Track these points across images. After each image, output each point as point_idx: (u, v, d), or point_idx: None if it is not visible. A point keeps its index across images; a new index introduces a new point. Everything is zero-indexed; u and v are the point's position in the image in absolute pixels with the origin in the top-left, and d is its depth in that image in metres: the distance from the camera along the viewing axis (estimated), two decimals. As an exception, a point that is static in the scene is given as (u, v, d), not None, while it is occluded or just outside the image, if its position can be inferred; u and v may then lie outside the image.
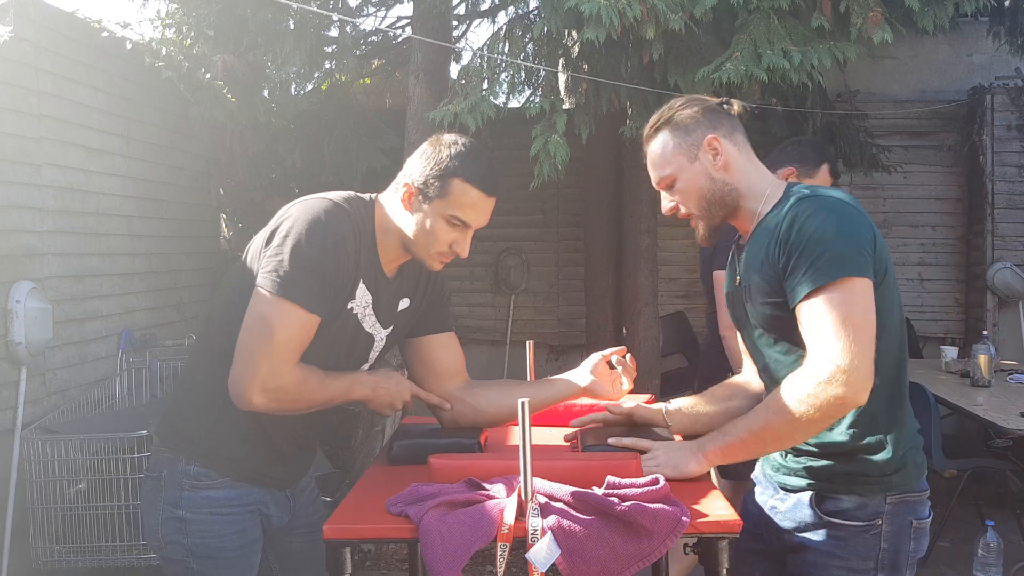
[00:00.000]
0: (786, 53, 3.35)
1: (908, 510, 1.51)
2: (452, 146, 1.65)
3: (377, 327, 1.74)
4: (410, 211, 1.66)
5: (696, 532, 1.39)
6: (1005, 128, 5.58)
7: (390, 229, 1.69)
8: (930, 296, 5.93)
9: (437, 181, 1.63)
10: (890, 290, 1.50)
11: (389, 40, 5.31)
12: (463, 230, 1.66)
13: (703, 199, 1.60)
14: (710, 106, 1.62)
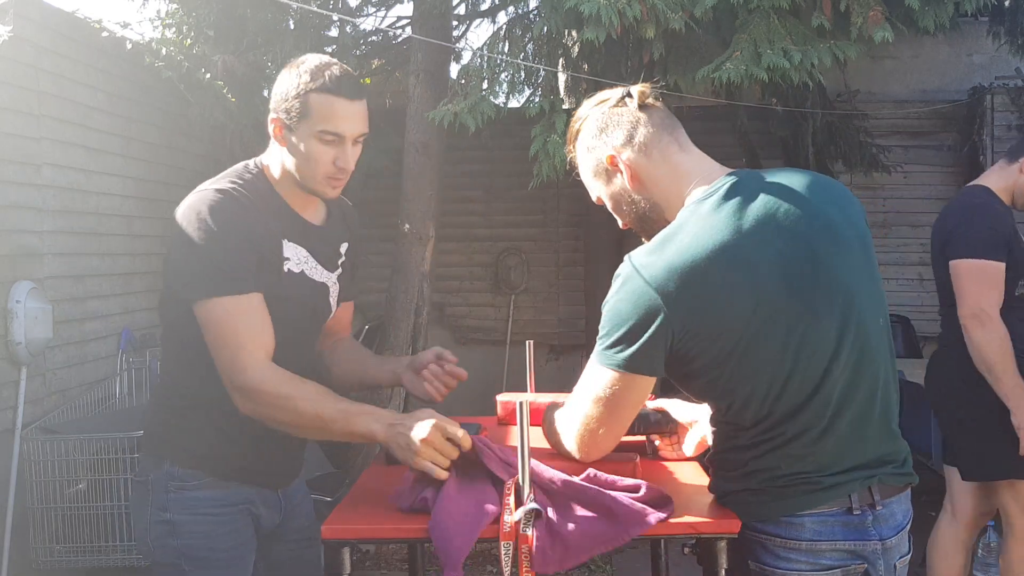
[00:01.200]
0: (786, 52, 3.35)
1: (746, 547, 1.38)
2: (299, 65, 1.60)
3: (325, 273, 1.74)
4: (284, 145, 1.62)
5: (695, 532, 1.39)
6: (1005, 128, 5.58)
7: (282, 176, 1.66)
8: (930, 296, 5.89)
9: (296, 103, 1.58)
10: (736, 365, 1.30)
11: (389, 40, 5.31)
12: (340, 143, 1.59)
13: (632, 218, 1.51)
14: (607, 111, 1.46)
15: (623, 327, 1.31)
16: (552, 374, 5.99)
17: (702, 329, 1.29)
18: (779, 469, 1.34)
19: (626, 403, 1.40)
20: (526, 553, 1.32)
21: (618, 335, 1.32)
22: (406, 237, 4.30)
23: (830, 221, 1.38)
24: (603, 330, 1.35)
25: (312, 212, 1.73)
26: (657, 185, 1.44)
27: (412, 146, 4.29)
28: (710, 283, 1.28)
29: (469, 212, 6.05)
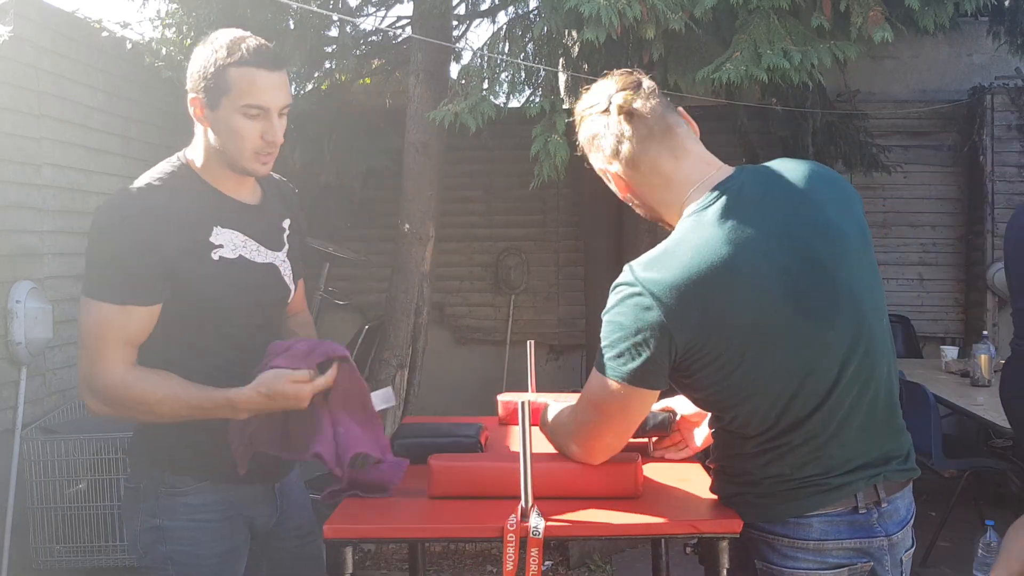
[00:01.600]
0: (786, 53, 3.35)
1: (751, 546, 1.39)
2: (212, 41, 1.56)
3: (270, 254, 1.69)
4: (208, 125, 1.57)
5: (696, 532, 1.39)
6: (1005, 128, 5.58)
7: (207, 160, 1.62)
8: (930, 296, 5.93)
9: (214, 80, 1.53)
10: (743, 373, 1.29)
11: (389, 40, 5.31)
12: (266, 116, 1.55)
13: (641, 210, 1.50)
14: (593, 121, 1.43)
15: (626, 340, 1.30)
16: (552, 374, 5.99)
17: (705, 345, 1.28)
18: (785, 475, 1.34)
19: (630, 413, 1.40)
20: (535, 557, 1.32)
21: (621, 347, 1.31)
22: (406, 237, 4.30)
23: (830, 222, 1.36)
24: (605, 340, 1.34)
25: (247, 193, 1.68)
26: (651, 194, 1.43)
27: (412, 146, 4.29)
28: (713, 301, 1.27)
29: (469, 212, 6.04)
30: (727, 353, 1.28)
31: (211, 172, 1.62)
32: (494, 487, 1.48)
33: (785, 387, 1.30)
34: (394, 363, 4.23)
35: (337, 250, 4.81)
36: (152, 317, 1.54)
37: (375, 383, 4.24)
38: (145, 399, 1.52)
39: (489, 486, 1.49)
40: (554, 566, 3.84)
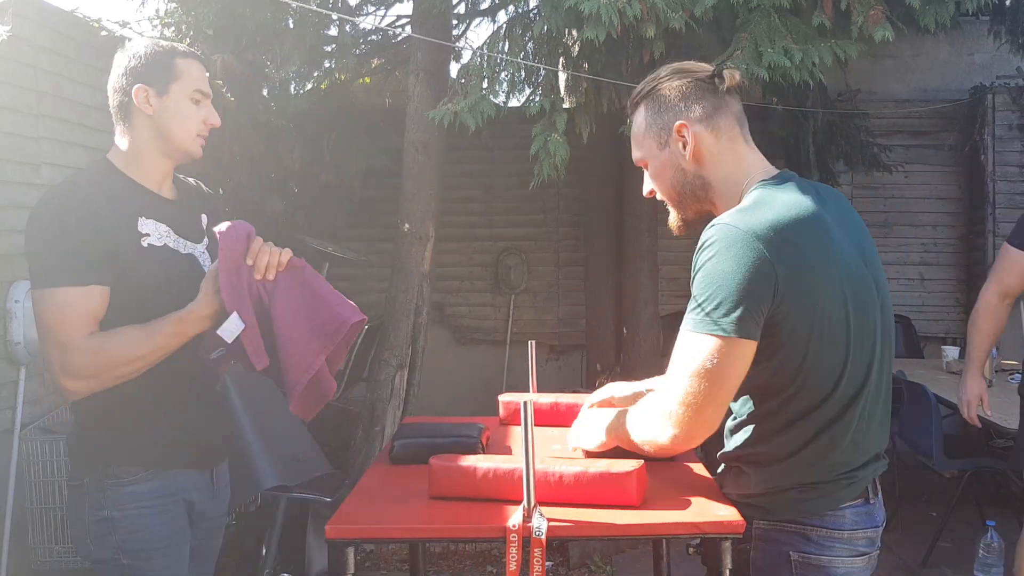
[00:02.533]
0: (787, 51, 3.34)
1: (785, 539, 1.39)
2: (145, 40, 1.76)
3: (190, 245, 1.79)
4: (151, 112, 1.70)
5: (699, 532, 1.38)
6: (1006, 127, 5.58)
7: (140, 152, 1.73)
8: (931, 296, 5.93)
9: (163, 68, 1.70)
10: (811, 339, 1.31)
11: (389, 39, 5.30)
12: (206, 101, 1.75)
13: (672, 189, 1.48)
14: (693, 82, 1.45)
15: (728, 287, 1.27)
16: (552, 374, 5.98)
17: (795, 295, 1.28)
18: (830, 465, 1.37)
19: (732, 373, 1.30)
20: (538, 557, 1.32)
21: (722, 296, 1.28)
22: (406, 237, 4.29)
23: (861, 223, 1.49)
24: (702, 295, 1.30)
25: (166, 189, 1.80)
26: (719, 166, 1.45)
27: (412, 145, 4.28)
28: (809, 246, 1.31)
29: (469, 212, 6.04)
30: (809, 311, 1.30)
31: (136, 168, 1.74)
32: (495, 489, 1.48)
33: (839, 358, 1.33)
34: (394, 363, 4.23)
35: (337, 250, 4.80)
36: (106, 299, 1.63)
37: (375, 383, 4.23)
38: (119, 355, 1.60)
39: (490, 488, 1.48)
40: (554, 567, 3.83)
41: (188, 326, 1.63)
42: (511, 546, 1.32)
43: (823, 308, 1.30)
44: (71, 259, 1.60)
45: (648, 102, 1.48)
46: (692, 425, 1.34)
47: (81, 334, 1.59)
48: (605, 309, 5.35)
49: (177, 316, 1.62)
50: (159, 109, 1.70)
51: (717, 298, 1.29)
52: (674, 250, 5.96)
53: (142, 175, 1.74)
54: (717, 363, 1.29)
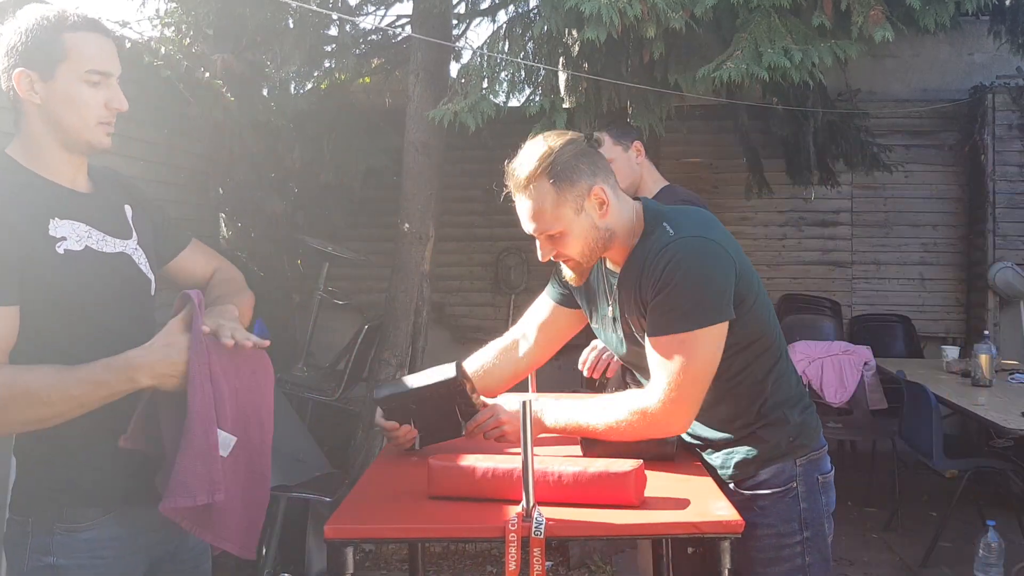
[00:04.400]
0: (787, 51, 3.34)
1: (813, 468, 1.66)
2: (33, 12, 1.42)
3: (117, 242, 1.51)
4: (39, 100, 1.41)
5: (698, 532, 1.38)
6: (1006, 127, 5.57)
7: (37, 144, 1.45)
8: (931, 296, 5.93)
9: (46, 48, 1.40)
10: (760, 306, 1.63)
11: (389, 39, 5.30)
12: (107, 82, 1.46)
13: (587, 249, 1.61)
14: (584, 149, 1.60)
15: (717, 285, 1.53)
16: (552, 374, 5.94)
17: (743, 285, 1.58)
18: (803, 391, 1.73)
19: (719, 350, 1.55)
20: (537, 557, 1.32)
21: (716, 291, 1.52)
22: (406, 237, 4.29)
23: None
24: (697, 296, 1.51)
25: (81, 182, 1.52)
26: (619, 215, 1.63)
27: (412, 145, 4.28)
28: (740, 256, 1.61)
29: (469, 212, 6.03)
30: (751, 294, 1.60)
31: (40, 161, 1.45)
32: (494, 489, 1.47)
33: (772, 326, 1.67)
34: (394, 363, 4.23)
35: (336, 250, 4.80)
36: (12, 320, 1.35)
37: (375, 382, 4.23)
38: (33, 391, 1.31)
39: (489, 488, 1.48)
40: (554, 566, 3.83)
41: (120, 378, 1.35)
42: (510, 546, 1.32)
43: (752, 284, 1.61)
44: None
45: (551, 176, 1.56)
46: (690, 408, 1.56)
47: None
48: (605, 309, 5.34)
49: (106, 363, 1.35)
50: (46, 96, 1.41)
51: (711, 296, 1.52)
52: (674, 250, 5.96)
53: (47, 169, 1.45)
54: (716, 347, 1.54)
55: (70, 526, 1.41)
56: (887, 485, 4.44)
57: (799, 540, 1.62)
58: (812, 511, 1.63)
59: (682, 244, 1.54)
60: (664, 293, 1.52)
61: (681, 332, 1.52)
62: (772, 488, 1.63)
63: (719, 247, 1.56)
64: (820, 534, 1.63)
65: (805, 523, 1.62)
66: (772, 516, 1.62)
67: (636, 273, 1.60)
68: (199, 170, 4.92)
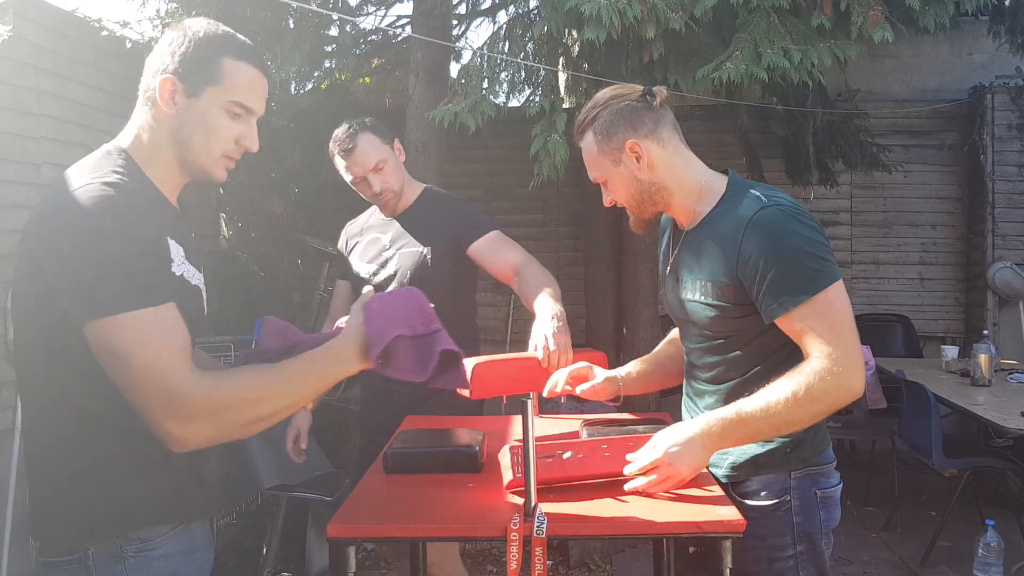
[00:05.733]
0: (786, 52, 3.35)
1: (811, 482, 1.61)
2: (207, 25, 1.37)
3: (197, 275, 1.41)
4: (174, 113, 1.34)
5: (699, 532, 1.39)
6: (1005, 127, 5.58)
7: (157, 155, 1.36)
8: (930, 295, 5.93)
9: (203, 64, 1.33)
10: None
11: (389, 39, 5.30)
12: (247, 119, 1.38)
13: (631, 199, 1.67)
14: (630, 104, 1.63)
15: (824, 245, 1.52)
16: (552, 374, 5.97)
17: None
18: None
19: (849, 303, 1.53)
20: (539, 556, 1.32)
21: (826, 250, 1.52)
22: (406, 237, 4.28)
23: None
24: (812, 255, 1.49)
25: (174, 196, 1.43)
26: (671, 171, 1.64)
27: (412, 145, 4.28)
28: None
29: (469, 212, 6.03)
30: None
31: (156, 171, 1.37)
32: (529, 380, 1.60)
33: None
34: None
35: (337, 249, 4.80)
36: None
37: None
38: (243, 395, 1.23)
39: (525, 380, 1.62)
40: (554, 566, 3.84)
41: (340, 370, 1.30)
42: (512, 545, 1.33)
43: None
44: (144, 275, 1.22)
45: (594, 129, 1.65)
46: (861, 371, 1.50)
47: (182, 363, 1.21)
48: (605, 309, 5.36)
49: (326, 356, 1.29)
50: (183, 112, 1.34)
51: (825, 255, 1.50)
52: (674, 250, 5.97)
53: (160, 183, 1.37)
54: (847, 299, 1.52)
55: (143, 546, 1.28)
56: (886, 485, 4.45)
57: (791, 554, 1.58)
58: (807, 525, 1.58)
59: (778, 213, 1.52)
60: (782, 265, 1.48)
61: (816, 294, 1.48)
62: (764, 500, 1.59)
63: (811, 218, 1.55)
64: (815, 549, 1.59)
65: (799, 537, 1.58)
66: (763, 528, 1.56)
67: (719, 239, 1.57)
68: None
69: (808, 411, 1.48)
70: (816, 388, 1.47)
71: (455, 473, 1.66)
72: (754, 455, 1.60)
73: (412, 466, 1.68)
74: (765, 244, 1.49)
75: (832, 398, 1.48)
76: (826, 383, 1.47)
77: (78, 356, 1.22)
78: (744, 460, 1.61)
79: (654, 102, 1.63)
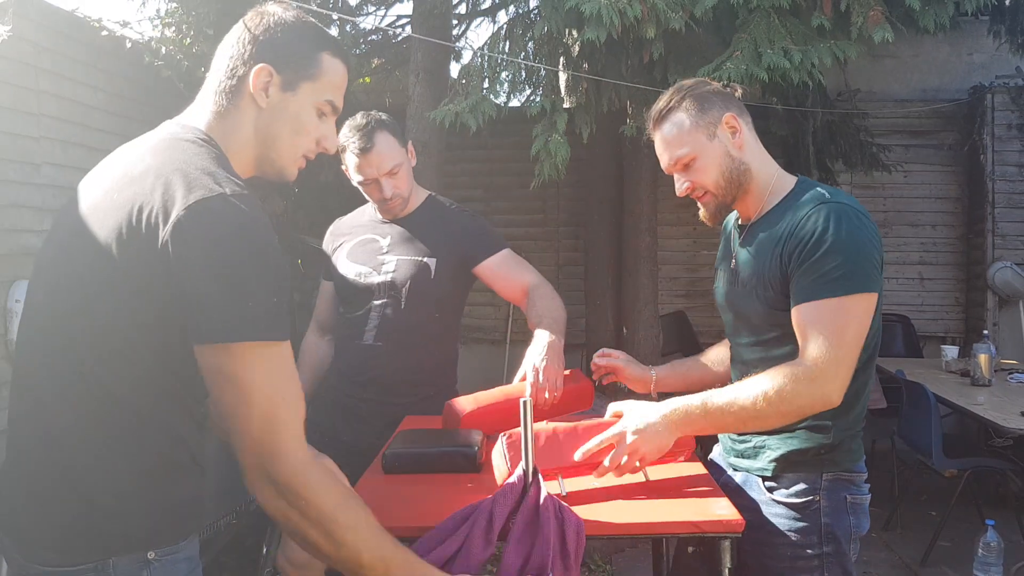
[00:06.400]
0: (786, 52, 3.35)
1: (843, 487, 1.59)
2: (297, 14, 1.30)
3: None
4: (264, 105, 1.26)
5: (698, 532, 1.39)
6: (1005, 127, 5.58)
7: (237, 145, 1.28)
8: (930, 295, 5.93)
9: (303, 57, 1.26)
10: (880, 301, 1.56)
11: (389, 39, 5.30)
12: (330, 119, 1.32)
13: (722, 176, 1.62)
14: (718, 89, 1.65)
15: (870, 253, 1.48)
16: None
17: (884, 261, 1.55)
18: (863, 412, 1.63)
19: (869, 320, 1.51)
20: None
21: (869, 259, 1.48)
22: (406, 236, 4.28)
23: None
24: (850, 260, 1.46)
25: None
26: (754, 156, 1.65)
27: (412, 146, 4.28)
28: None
29: (469, 212, 6.04)
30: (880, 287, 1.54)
31: (240, 165, 1.28)
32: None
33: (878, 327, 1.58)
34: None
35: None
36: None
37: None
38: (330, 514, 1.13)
39: None
40: (554, 566, 3.83)
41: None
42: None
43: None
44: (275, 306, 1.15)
45: (688, 104, 1.62)
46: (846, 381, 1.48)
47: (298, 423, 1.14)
48: (605, 309, 5.35)
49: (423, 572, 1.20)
50: (276, 106, 1.26)
51: (867, 262, 1.48)
52: (673, 250, 5.97)
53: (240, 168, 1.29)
54: (866, 319, 1.49)
55: (168, 549, 1.20)
56: (886, 484, 4.45)
57: (817, 555, 1.56)
58: (835, 527, 1.56)
59: (839, 207, 1.51)
60: (817, 255, 1.47)
61: (833, 297, 1.46)
62: (793, 498, 1.58)
63: (873, 226, 1.52)
64: (842, 552, 1.57)
65: (825, 538, 1.56)
66: (790, 526, 1.57)
67: (778, 233, 1.55)
68: (199, 170, 4.92)
69: (777, 411, 1.48)
70: (788, 390, 1.46)
71: (454, 473, 1.66)
72: (788, 451, 1.59)
73: (410, 466, 1.68)
74: (819, 231, 1.48)
75: (804, 402, 1.47)
76: (800, 387, 1.46)
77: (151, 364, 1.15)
78: (778, 455, 1.60)
79: (735, 93, 1.66)
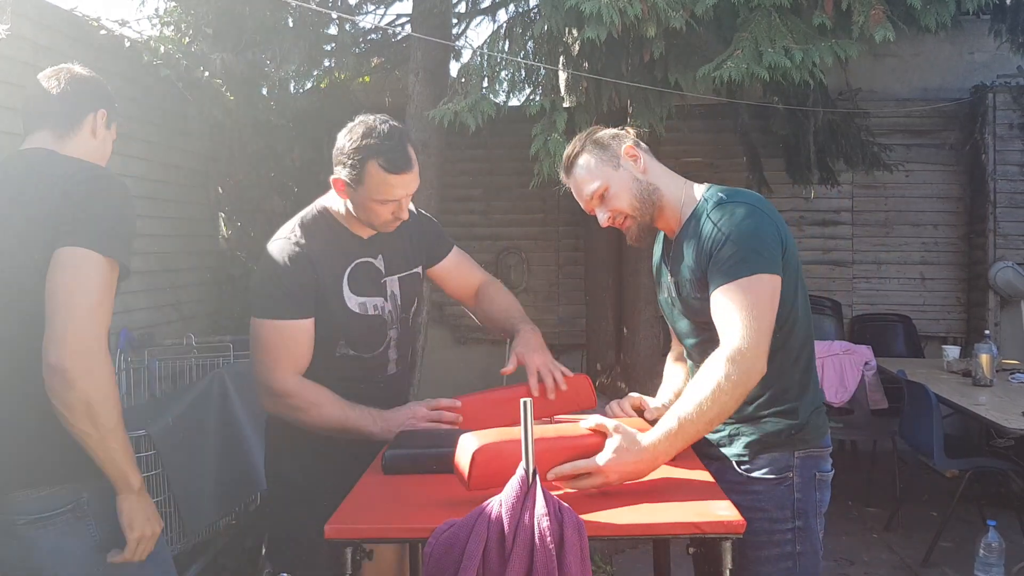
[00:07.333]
0: (787, 51, 3.34)
1: (812, 464, 1.72)
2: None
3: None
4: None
5: (699, 532, 1.38)
6: (1007, 127, 5.57)
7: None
8: (932, 295, 5.92)
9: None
10: (798, 283, 1.72)
11: (389, 38, 5.30)
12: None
13: (635, 199, 1.77)
14: (613, 131, 1.83)
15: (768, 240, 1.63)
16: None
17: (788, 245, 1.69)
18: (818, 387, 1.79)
19: (776, 300, 1.64)
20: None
21: (768, 246, 1.63)
22: (406, 236, 4.28)
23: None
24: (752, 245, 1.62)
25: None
26: (659, 176, 1.80)
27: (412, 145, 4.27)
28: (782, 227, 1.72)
29: (469, 211, 6.03)
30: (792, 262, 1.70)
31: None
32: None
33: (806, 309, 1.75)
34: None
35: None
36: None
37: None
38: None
39: None
40: (554, 566, 3.82)
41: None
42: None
43: (796, 264, 1.71)
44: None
45: (590, 147, 1.79)
46: (764, 353, 1.58)
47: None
48: (605, 309, 5.35)
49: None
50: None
51: (766, 247, 1.62)
52: (674, 249, 5.96)
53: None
54: (774, 294, 1.62)
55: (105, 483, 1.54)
56: (888, 485, 4.44)
57: (791, 528, 1.68)
58: (805, 503, 1.70)
59: (734, 206, 1.68)
60: (720, 250, 1.63)
61: (742, 277, 1.60)
62: (768, 474, 1.69)
63: (768, 216, 1.68)
64: (810, 526, 1.70)
65: (797, 512, 1.69)
66: (766, 501, 1.68)
67: (695, 238, 1.71)
68: (199, 170, 4.91)
69: (733, 396, 1.57)
70: (734, 372, 1.55)
71: (453, 474, 1.65)
72: (762, 435, 1.71)
73: (410, 466, 1.67)
74: (721, 224, 1.65)
75: (748, 378, 1.57)
76: (744, 364, 1.56)
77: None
78: (752, 439, 1.71)
79: (630, 134, 1.83)
